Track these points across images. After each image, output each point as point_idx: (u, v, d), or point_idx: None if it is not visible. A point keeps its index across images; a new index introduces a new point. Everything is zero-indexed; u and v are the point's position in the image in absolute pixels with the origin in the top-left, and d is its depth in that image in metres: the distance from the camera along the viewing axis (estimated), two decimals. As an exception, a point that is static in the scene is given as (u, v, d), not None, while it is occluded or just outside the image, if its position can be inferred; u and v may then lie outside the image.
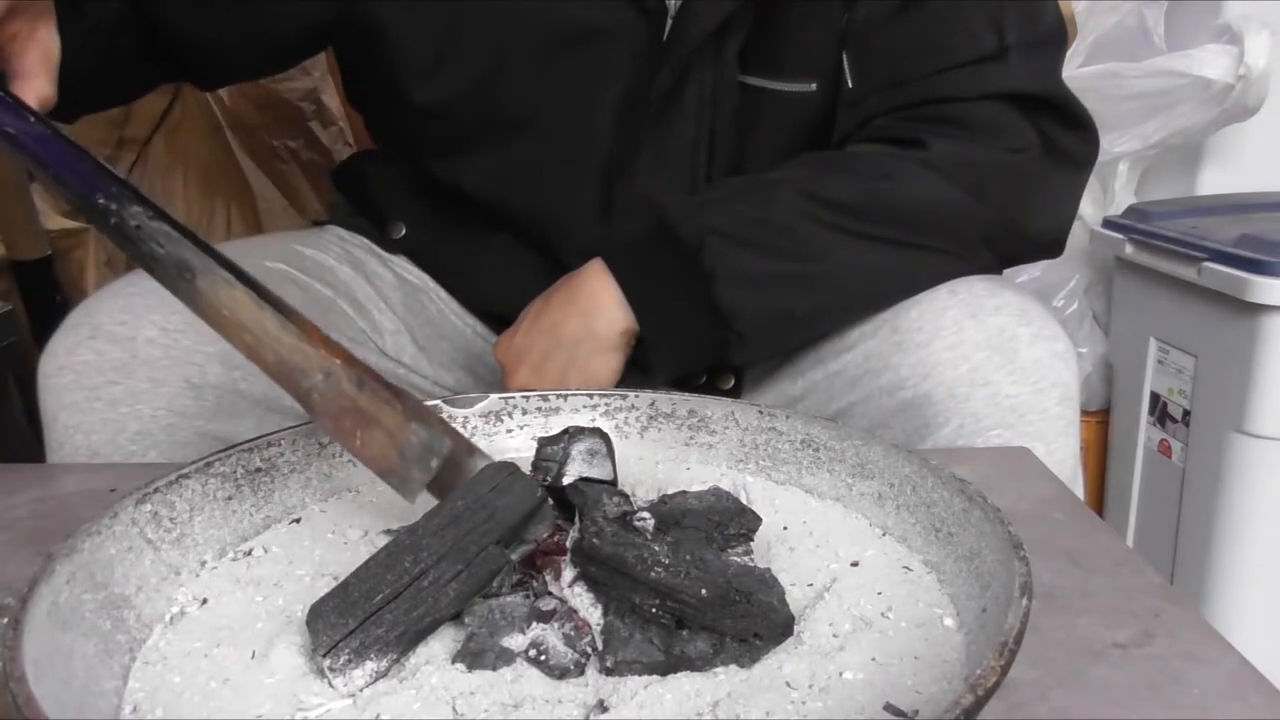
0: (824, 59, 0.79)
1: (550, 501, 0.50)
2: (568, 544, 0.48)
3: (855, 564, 0.51)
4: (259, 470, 0.56)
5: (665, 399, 0.63)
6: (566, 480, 0.50)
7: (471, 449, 0.52)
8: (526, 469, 0.50)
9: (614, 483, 0.52)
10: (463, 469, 0.51)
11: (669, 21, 0.78)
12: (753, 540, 0.51)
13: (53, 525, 0.59)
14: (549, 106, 0.81)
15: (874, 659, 0.43)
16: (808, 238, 0.72)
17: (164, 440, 0.70)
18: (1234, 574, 1.25)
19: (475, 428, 0.64)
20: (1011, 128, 0.76)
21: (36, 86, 0.56)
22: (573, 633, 0.44)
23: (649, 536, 0.47)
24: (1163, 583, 0.52)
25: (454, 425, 0.51)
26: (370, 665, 0.42)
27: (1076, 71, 1.39)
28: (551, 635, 0.44)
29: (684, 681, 0.42)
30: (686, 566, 0.44)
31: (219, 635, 0.46)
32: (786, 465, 0.60)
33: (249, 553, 0.53)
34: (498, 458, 0.61)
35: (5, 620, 0.39)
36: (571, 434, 0.53)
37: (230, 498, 0.54)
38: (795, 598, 0.47)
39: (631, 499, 0.53)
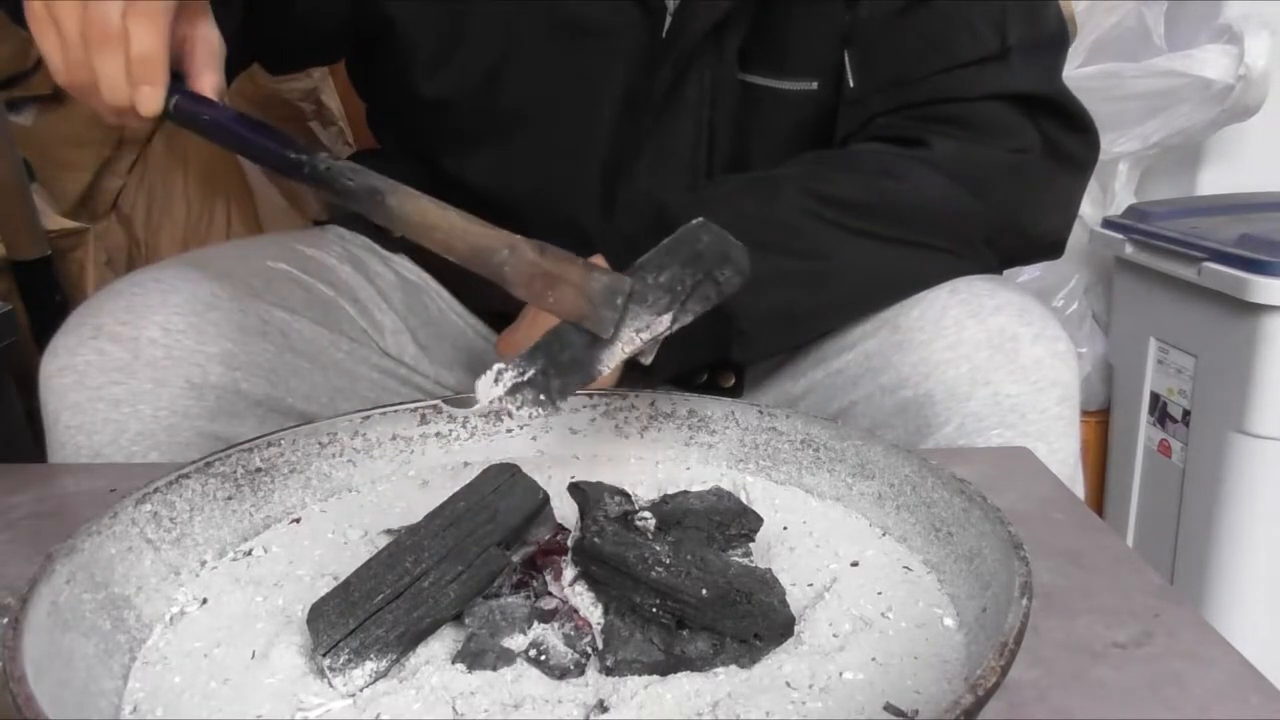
0: (825, 58, 0.79)
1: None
2: (569, 543, 0.48)
3: (855, 564, 0.51)
4: (259, 470, 0.56)
5: (665, 399, 0.63)
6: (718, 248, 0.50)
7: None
8: (527, 470, 0.50)
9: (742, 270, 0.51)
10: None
11: (669, 19, 0.78)
12: (753, 540, 0.51)
13: (53, 525, 0.59)
14: (551, 102, 0.82)
15: (874, 659, 0.43)
16: (810, 235, 0.72)
17: (165, 441, 0.70)
18: (1234, 574, 1.25)
19: (475, 428, 0.64)
20: (1013, 128, 0.76)
21: (211, 81, 0.59)
22: (573, 633, 0.44)
23: (650, 536, 0.47)
24: (1163, 583, 0.52)
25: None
26: (370, 665, 0.42)
27: (1076, 71, 1.39)
28: (551, 635, 0.44)
29: (684, 681, 0.42)
30: (687, 566, 0.44)
31: (219, 635, 0.46)
32: (786, 465, 0.60)
33: (249, 553, 0.53)
34: (498, 458, 0.62)
35: (5, 620, 0.39)
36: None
37: (230, 498, 0.54)
38: (795, 598, 0.47)
39: (632, 499, 0.53)
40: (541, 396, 0.50)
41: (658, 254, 0.51)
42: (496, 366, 0.52)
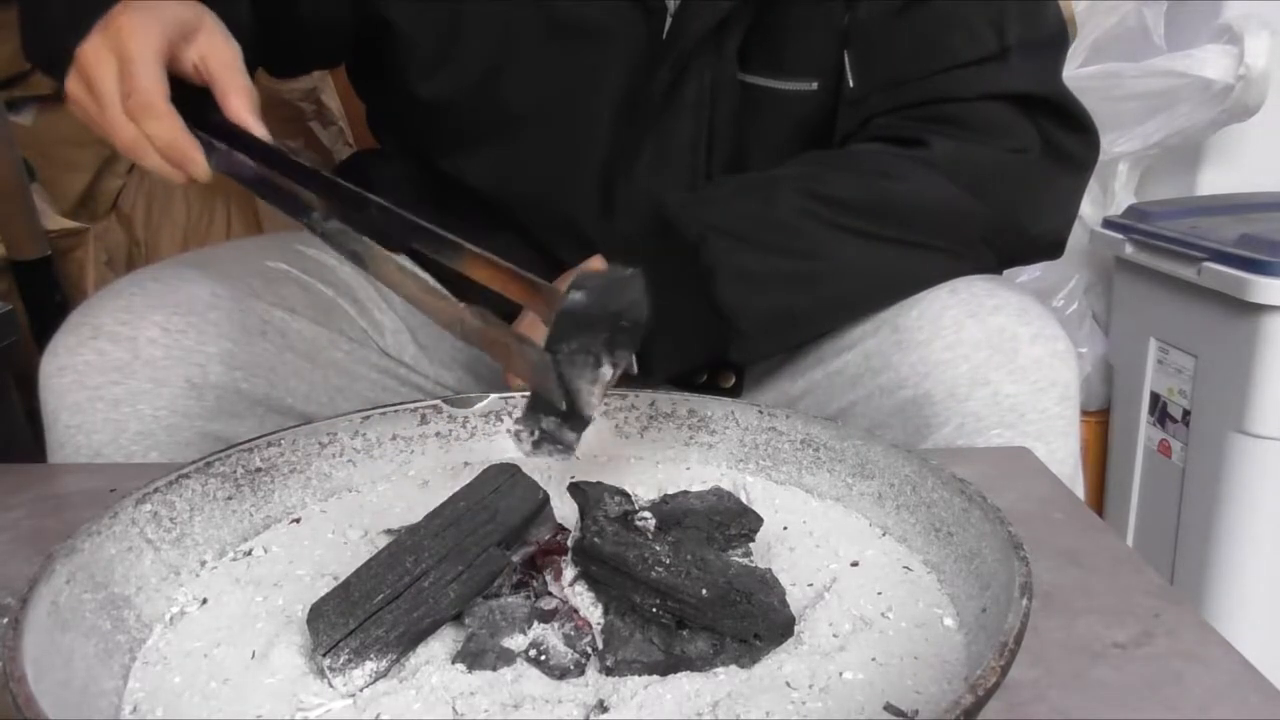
0: (825, 58, 0.79)
1: (553, 354, 0.49)
2: (568, 543, 0.48)
3: (855, 564, 0.51)
4: (259, 470, 0.56)
5: (665, 399, 0.63)
6: (601, 308, 0.48)
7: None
8: (526, 469, 0.50)
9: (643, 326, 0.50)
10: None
11: (669, 19, 0.78)
12: (753, 540, 0.51)
13: (53, 525, 0.59)
14: (550, 103, 0.82)
15: (874, 659, 0.43)
16: (809, 235, 0.72)
17: (165, 440, 0.70)
18: (1234, 574, 1.25)
19: (475, 428, 0.64)
20: (1012, 128, 0.76)
21: (239, 90, 0.60)
22: (573, 633, 0.44)
23: (650, 536, 0.47)
24: (1163, 583, 0.52)
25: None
26: (370, 665, 0.42)
27: (1076, 71, 1.39)
28: (551, 635, 0.44)
29: (684, 681, 0.42)
30: (687, 566, 0.44)
31: (219, 635, 0.46)
32: (786, 465, 0.60)
33: (249, 553, 0.53)
34: (498, 458, 0.62)
35: (5, 620, 0.39)
36: (613, 269, 0.51)
37: (230, 498, 0.54)
38: (795, 598, 0.47)
39: (632, 499, 0.53)
40: (559, 446, 0.51)
41: (557, 326, 0.50)
42: (514, 429, 0.53)
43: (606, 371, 0.50)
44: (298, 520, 0.57)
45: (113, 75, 0.58)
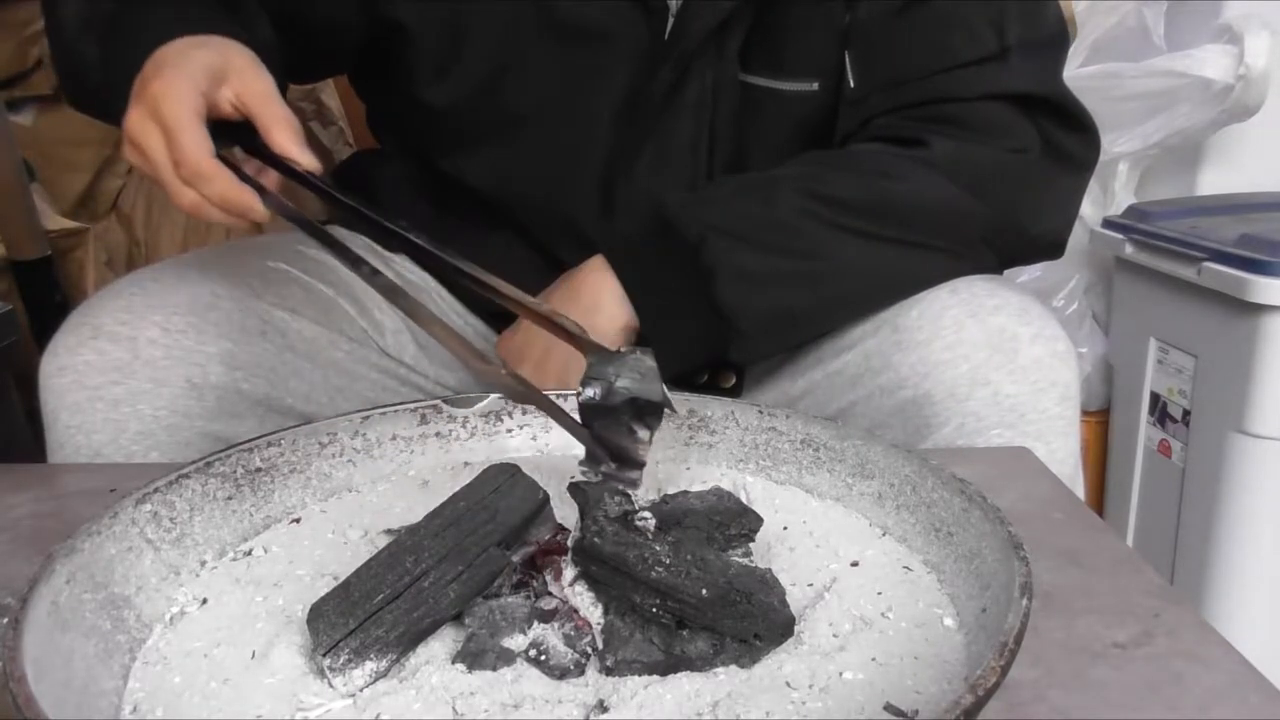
0: (826, 58, 0.79)
1: (589, 428, 0.51)
2: (568, 543, 0.48)
3: (855, 564, 0.51)
4: (259, 470, 0.56)
5: (665, 399, 0.63)
6: (617, 398, 0.50)
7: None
8: (527, 469, 0.50)
9: (662, 407, 0.52)
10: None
11: (670, 20, 0.78)
12: (753, 540, 0.51)
13: (53, 525, 0.59)
14: (552, 103, 0.82)
15: (874, 659, 0.43)
16: (809, 235, 0.72)
17: (165, 440, 0.70)
18: (1234, 574, 1.25)
19: (475, 428, 0.64)
20: (1013, 128, 0.76)
21: (278, 121, 0.61)
22: (573, 633, 0.44)
23: (650, 536, 0.47)
24: (1163, 583, 0.52)
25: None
26: (370, 665, 0.42)
27: (1076, 71, 1.39)
28: (551, 635, 0.44)
29: (684, 681, 0.42)
30: (687, 566, 0.44)
31: (219, 635, 0.46)
32: (786, 465, 0.60)
33: (249, 553, 0.53)
34: (498, 458, 0.62)
35: (5, 620, 0.39)
36: (624, 351, 0.53)
37: (230, 498, 0.54)
38: (795, 598, 0.47)
39: (632, 499, 0.53)
40: (622, 487, 0.52)
41: (582, 413, 0.53)
42: (581, 470, 0.54)
43: (644, 434, 0.52)
44: (298, 520, 0.57)
45: (160, 145, 0.59)
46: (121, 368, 0.70)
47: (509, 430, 0.64)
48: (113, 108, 0.63)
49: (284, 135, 0.61)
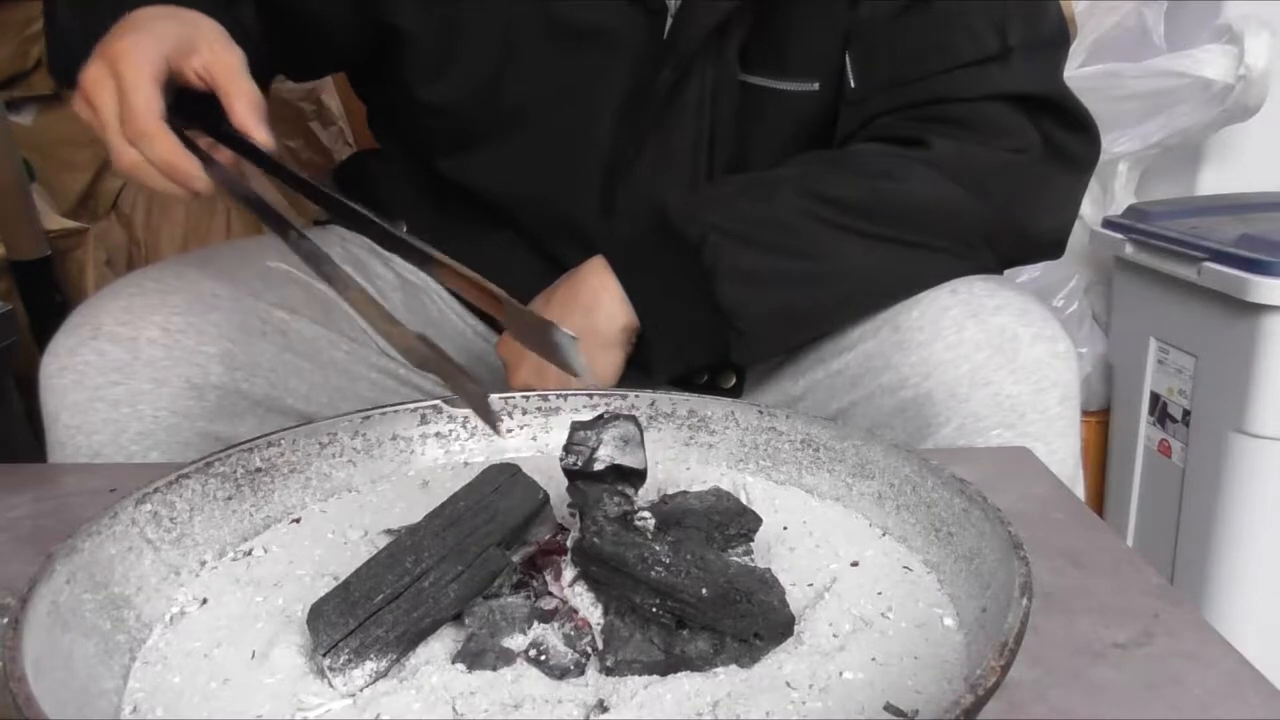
0: (827, 59, 0.79)
1: (576, 483, 0.50)
2: (568, 544, 0.48)
3: (855, 564, 0.51)
4: (259, 470, 0.56)
5: (665, 399, 0.63)
6: (598, 466, 0.50)
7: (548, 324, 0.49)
8: (527, 469, 0.50)
9: (644, 472, 0.52)
10: (554, 345, 0.49)
11: (669, 20, 0.78)
12: (753, 540, 0.51)
13: (53, 525, 0.59)
14: (551, 104, 0.81)
15: (874, 659, 0.43)
16: (809, 236, 0.72)
17: (165, 441, 0.70)
18: (1234, 574, 1.25)
19: (475, 428, 0.64)
20: (1014, 128, 0.76)
21: (242, 94, 0.61)
22: (573, 633, 0.44)
23: (649, 536, 0.47)
24: (1163, 583, 0.52)
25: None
26: (370, 665, 0.42)
27: (1076, 71, 1.39)
28: (551, 635, 0.44)
29: (684, 681, 0.42)
30: (687, 566, 0.44)
31: (219, 635, 0.46)
32: (786, 465, 0.60)
33: (249, 553, 0.53)
34: (498, 458, 0.62)
35: (5, 620, 0.39)
36: (606, 419, 0.52)
37: (230, 498, 0.54)
38: (795, 598, 0.47)
39: (632, 499, 0.53)
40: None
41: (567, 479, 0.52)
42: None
43: (630, 491, 0.51)
44: (298, 520, 0.57)
45: (111, 101, 0.59)
46: (121, 368, 0.70)
47: (509, 430, 0.64)
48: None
49: (245, 109, 0.60)
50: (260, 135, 0.61)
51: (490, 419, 0.50)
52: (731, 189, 0.76)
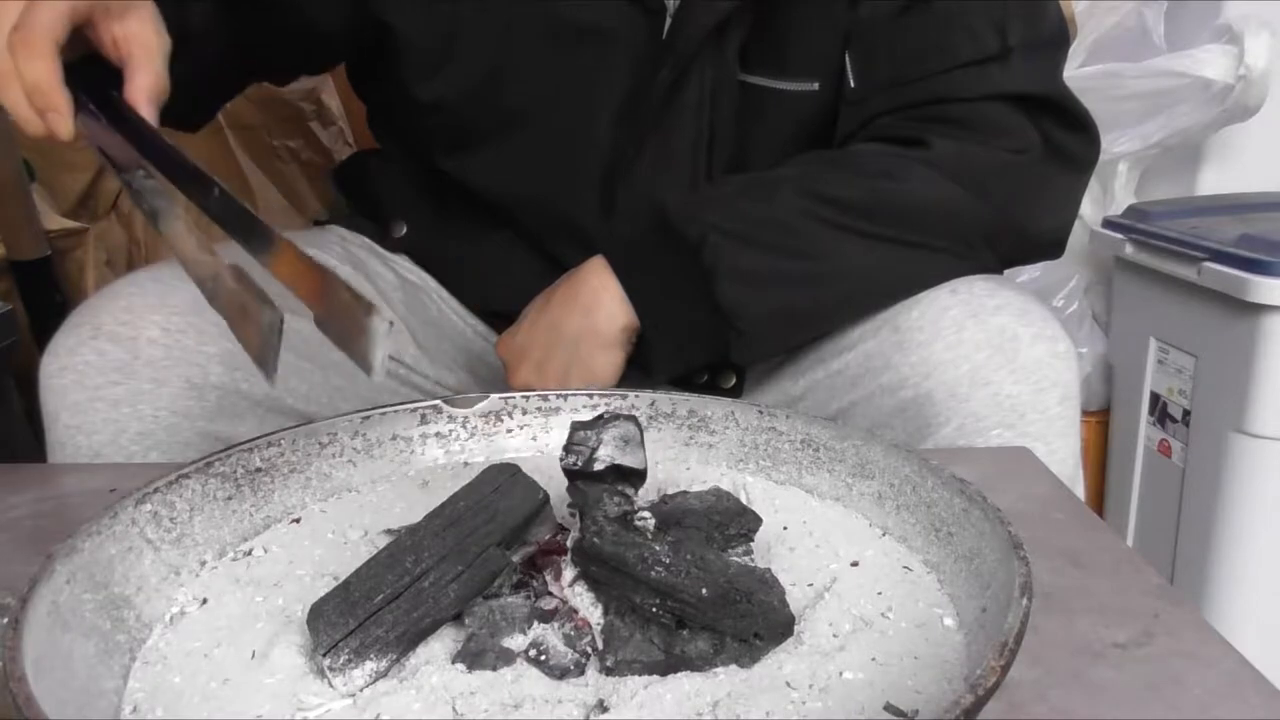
0: (827, 58, 0.79)
1: (576, 482, 0.50)
2: (568, 544, 0.48)
3: (855, 564, 0.51)
4: (259, 470, 0.56)
5: (665, 399, 0.63)
6: (598, 466, 0.50)
7: (369, 308, 0.45)
8: (527, 469, 0.50)
9: (644, 473, 0.52)
10: (363, 329, 0.45)
11: (668, 20, 0.78)
12: (753, 540, 0.51)
13: (53, 525, 0.59)
14: (550, 104, 0.81)
15: (874, 659, 0.43)
16: (809, 236, 0.72)
17: (165, 440, 0.70)
18: (1234, 574, 1.25)
19: (475, 428, 0.64)
20: (1014, 128, 0.76)
21: (148, 73, 0.58)
22: (573, 633, 0.44)
23: (649, 536, 0.47)
24: (1163, 583, 0.52)
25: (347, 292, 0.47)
26: (370, 665, 0.42)
27: (1076, 71, 1.39)
28: (551, 635, 0.44)
29: (684, 681, 0.42)
30: (687, 566, 0.44)
31: (219, 635, 0.46)
32: (786, 465, 0.60)
33: (249, 553, 0.53)
34: (498, 458, 0.62)
35: (5, 620, 0.39)
36: (606, 419, 0.52)
37: (230, 498, 0.54)
38: (795, 598, 0.47)
39: (632, 499, 0.53)
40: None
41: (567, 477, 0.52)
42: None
43: (630, 491, 0.51)
44: (298, 520, 0.57)
45: (13, 8, 0.55)
46: (121, 368, 0.70)
47: (509, 430, 0.64)
48: None
49: (144, 84, 0.58)
50: (146, 115, 0.58)
51: (269, 356, 0.46)
52: (731, 189, 0.76)
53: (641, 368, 0.77)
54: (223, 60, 0.77)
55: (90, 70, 0.59)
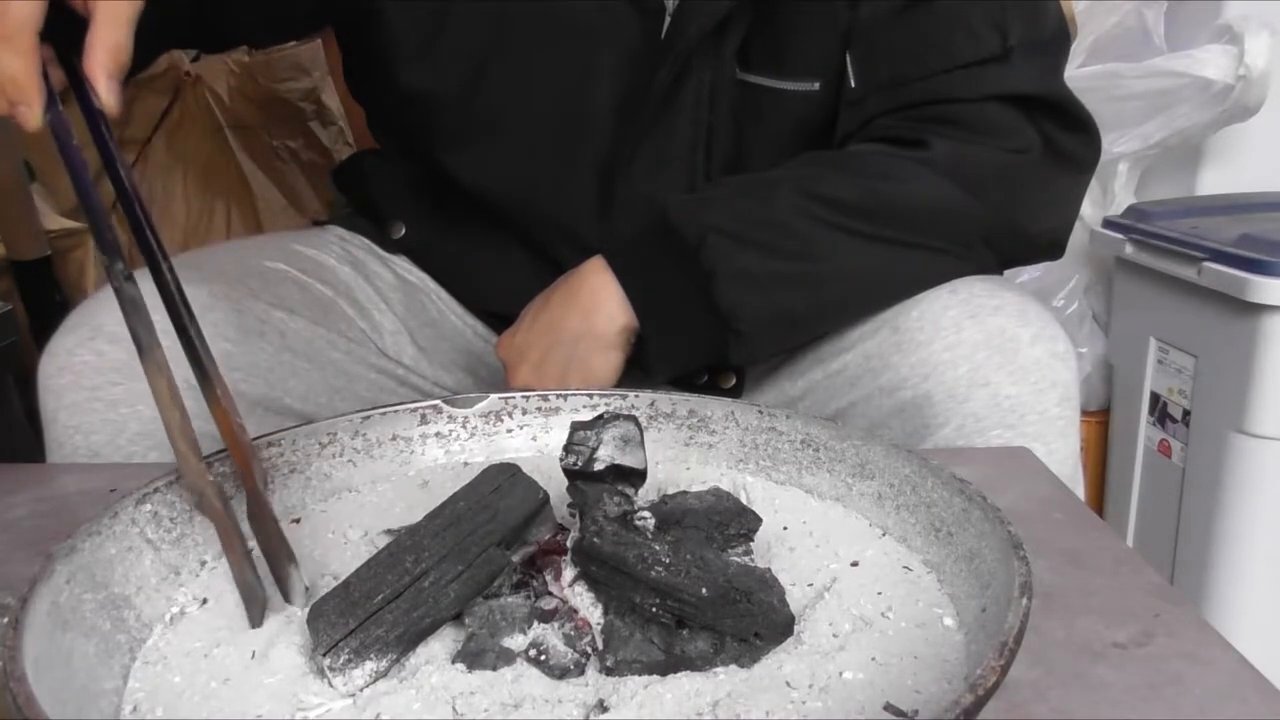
0: (826, 58, 0.79)
1: (576, 482, 0.50)
2: (568, 544, 0.48)
3: (855, 564, 0.51)
4: (259, 470, 0.56)
5: (665, 399, 0.63)
6: (598, 466, 0.50)
7: (292, 555, 0.49)
8: (527, 469, 0.50)
9: (644, 472, 0.52)
10: (285, 574, 0.49)
11: (667, 19, 0.78)
12: (753, 540, 0.51)
13: (53, 525, 0.59)
14: (544, 102, 0.81)
15: (874, 659, 0.43)
16: (808, 236, 0.72)
17: (164, 441, 0.70)
18: (1234, 574, 1.25)
19: (475, 428, 0.64)
20: (1013, 129, 0.76)
21: (112, 33, 0.56)
22: (573, 633, 0.44)
23: (649, 536, 0.47)
24: (1163, 583, 0.52)
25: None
26: (370, 665, 0.42)
27: (1076, 71, 1.39)
28: (551, 635, 0.44)
29: (684, 681, 0.42)
30: (687, 566, 0.44)
31: (219, 635, 0.46)
32: (786, 465, 0.60)
33: (249, 553, 0.53)
34: (498, 458, 0.62)
35: (5, 620, 0.39)
36: (606, 419, 0.52)
37: (230, 498, 0.54)
38: (795, 598, 0.47)
39: (632, 499, 0.53)
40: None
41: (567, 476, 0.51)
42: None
43: (630, 491, 0.51)
44: (298, 520, 0.57)
45: None
46: (120, 368, 0.70)
47: (509, 430, 0.64)
48: None
49: (102, 57, 0.55)
50: (103, 91, 0.55)
51: (253, 610, 0.47)
52: (731, 189, 0.76)
53: (641, 368, 0.76)
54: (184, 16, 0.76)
55: (59, 20, 0.56)
